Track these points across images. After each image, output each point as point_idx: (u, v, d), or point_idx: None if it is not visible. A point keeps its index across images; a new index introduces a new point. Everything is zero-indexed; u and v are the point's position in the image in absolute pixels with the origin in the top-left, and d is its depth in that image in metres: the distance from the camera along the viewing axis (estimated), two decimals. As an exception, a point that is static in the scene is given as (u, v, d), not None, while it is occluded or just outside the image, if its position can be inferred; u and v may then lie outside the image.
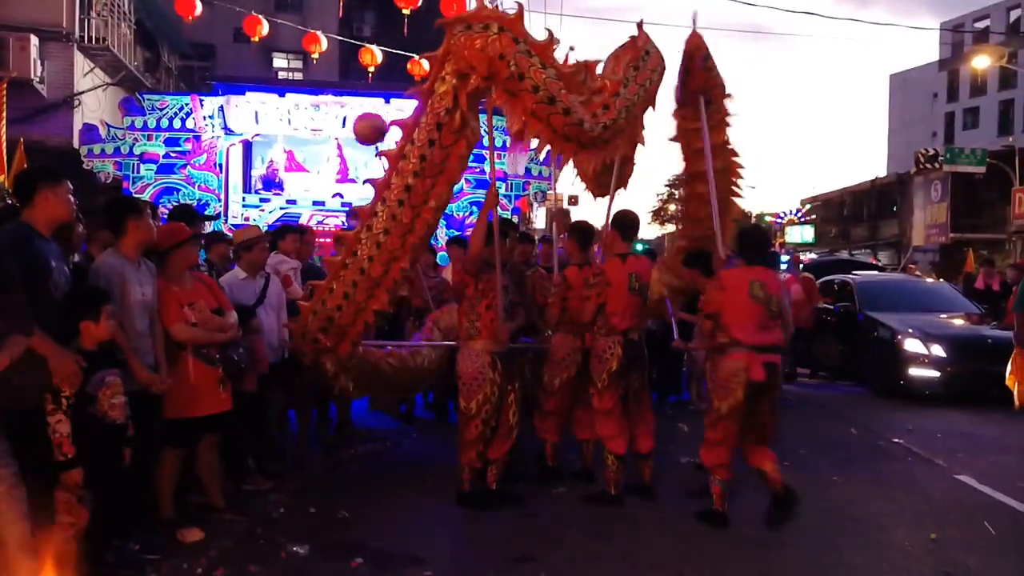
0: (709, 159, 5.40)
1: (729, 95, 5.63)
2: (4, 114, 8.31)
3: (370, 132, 5.29)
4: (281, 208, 11.09)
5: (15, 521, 3.04)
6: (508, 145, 11.46)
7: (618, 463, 5.12)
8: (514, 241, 5.58)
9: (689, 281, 5.64)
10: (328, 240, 9.69)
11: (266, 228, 7.64)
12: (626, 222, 5.37)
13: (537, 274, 6.01)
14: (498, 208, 4.97)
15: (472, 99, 4.47)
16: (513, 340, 5.21)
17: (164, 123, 10.83)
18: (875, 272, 14.99)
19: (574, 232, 5.66)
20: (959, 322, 10.05)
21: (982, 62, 25.10)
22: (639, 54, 4.79)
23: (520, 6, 4.33)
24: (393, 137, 4.94)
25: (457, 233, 9.82)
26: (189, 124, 10.82)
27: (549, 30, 4.60)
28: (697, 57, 5.26)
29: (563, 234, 6.35)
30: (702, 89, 5.36)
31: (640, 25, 5.02)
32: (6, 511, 3.01)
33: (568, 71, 4.38)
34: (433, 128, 4.48)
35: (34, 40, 13.11)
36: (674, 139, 5.80)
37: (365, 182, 4.84)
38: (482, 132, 4.75)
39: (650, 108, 4.96)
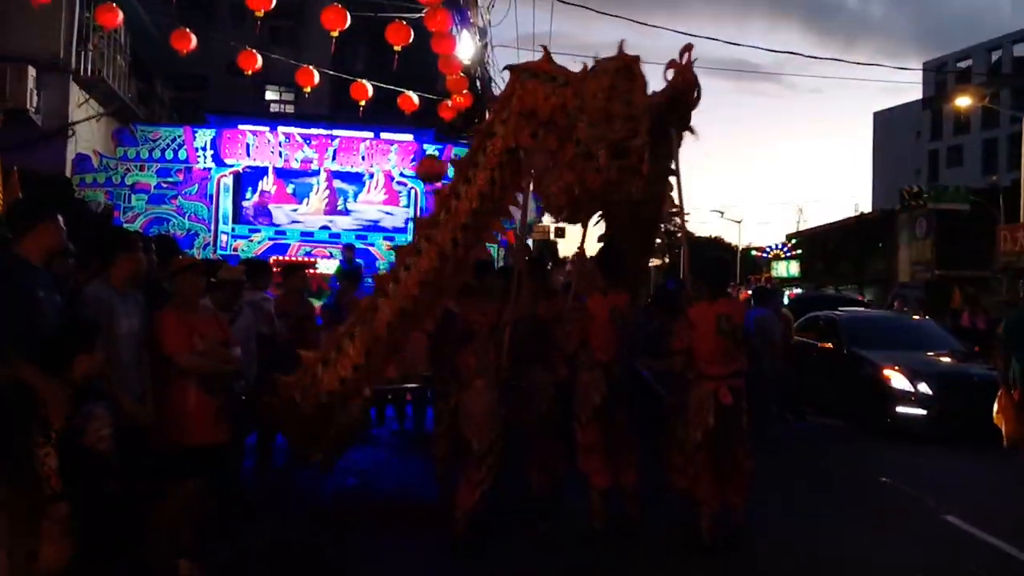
0: (680, 188, 5.33)
1: (691, 129, 5.37)
2: (-4, 144, 8.31)
3: (431, 172, 5.40)
4: (270, 239, 11.12)
5: None
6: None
7: (602, 498, 5.10)
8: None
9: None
10: (312, 271, 9.76)
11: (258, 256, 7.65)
12: (608, 257, 5.41)
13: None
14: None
15: (529, 139, 4.57)
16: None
17: (156, 154, 10.90)
18: (861, 308, 15.08)
19: (528, 264, 5.73)
20: (946, 360, 10.09)
21: (964, 102, 25.61)
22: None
23: (585, 66, 4.36)
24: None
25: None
26: (181, 155, 10.90)
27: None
28: (690, 93, 5.12)
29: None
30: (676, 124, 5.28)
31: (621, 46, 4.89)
32: None
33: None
34: (496, 167, 4.58)
35: (31, 71, 13.16)
36: None
37: (407, 221, 4.82)
38: None
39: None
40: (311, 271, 9.07)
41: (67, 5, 13.79)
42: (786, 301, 12.82)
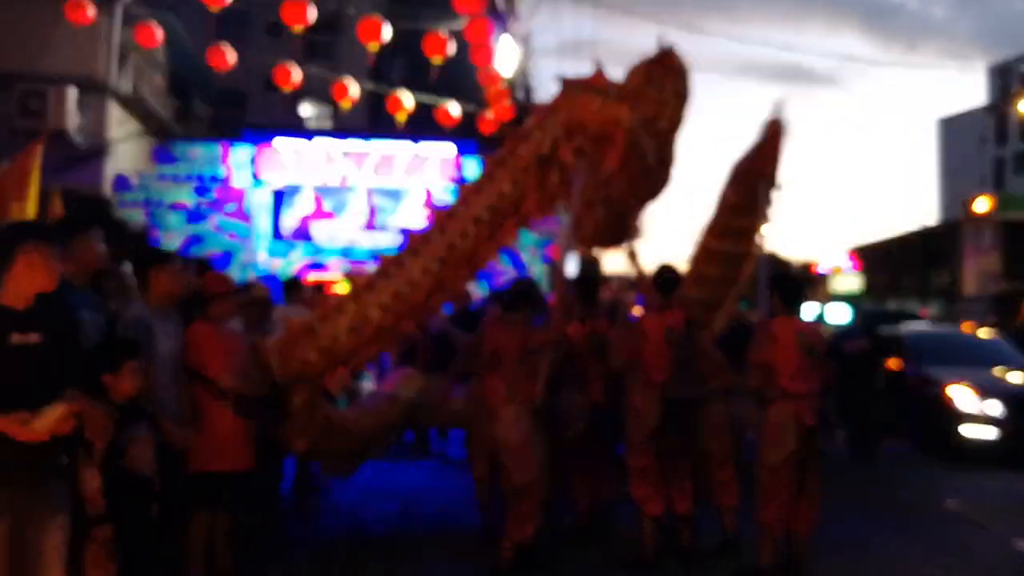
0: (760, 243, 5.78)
1: (779, 187, 5.76)
2: (38, 165, 8.63)
3: None
4: (308, 256, 11.32)
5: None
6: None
7: (654, 525, 5.04)
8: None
9: None
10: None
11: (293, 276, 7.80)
12: (665, 276, 5.37)
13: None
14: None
15: (568, 155, 4.52)
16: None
17: (194, 172, 11.19)
18: (925, 324, 14.75)
19: (576, 284, 5.81)
20: (1017, 377, 9.80)
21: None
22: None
23: (640, 80, 4.45)
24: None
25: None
26: (219, 173, 11.17)
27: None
28: (778, 143, 5.54)
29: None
30: (765, 175, 5.61)
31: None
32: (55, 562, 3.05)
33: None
34: (521, 169, 4.53)
35: (72, 91, 13.66)
36: (717, 207, 6.02)
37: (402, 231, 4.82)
38: None
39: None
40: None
41: (106, 25, 14.31)
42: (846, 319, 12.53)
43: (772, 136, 5.59)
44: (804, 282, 5.57)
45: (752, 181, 5.69)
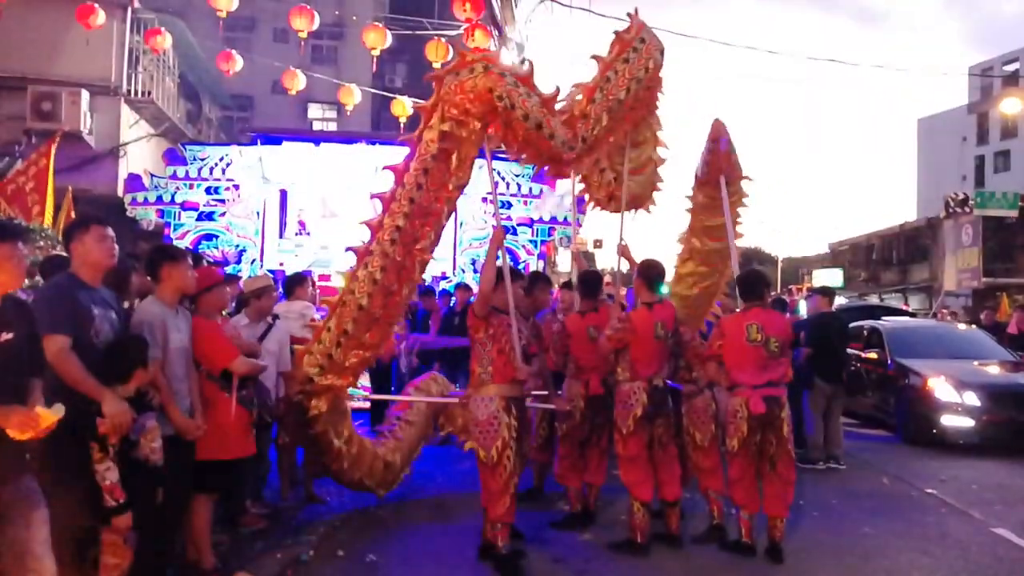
0: (732, 234, 6.07)
1: (747, 177, 6.22)
2: (52, 166, 8.65)
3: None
4: (315, 254, 11.33)
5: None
6: (543, 192, 11.69)
7: (644, 510, 5.07)
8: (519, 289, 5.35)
9: None
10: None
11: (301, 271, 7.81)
12: (651, 271, 5.41)
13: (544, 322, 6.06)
14: (504, 251, 4.96)
15: (466, 143, 4.72)
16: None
17: (205, 172, 11.19)
18: (906, 318, 14.78)
19: (580, 281, 5.89)
20: (994, 369, 9.85)
21: (1012, 106, 24.92)
22: (628, 45, 4.96)
23: (498, 51, 4.62)
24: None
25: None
26: (229, 173, 11.16)
27: (530, 61, 4.91)
28: (721, 141, 5.90)
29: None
30: (723, 172, 5.97)
31: (632, 15, 5.16)
32: (45, 553, 3.05)
33: (548, 96, 4.69)
34: (421, 173, 4.71)
35: (84, 94, 13.65)
36: (689, 210, 6.47)
37: (361, 223, 4.96)
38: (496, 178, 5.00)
39: (658, 92, 5.28)
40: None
41: (118, 30, 14.29)
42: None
43: (714, 137, 5.94)
44: (762, 274, 5.69)
45: (714, 180, 6.03)
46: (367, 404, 10.34)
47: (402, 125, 14.36)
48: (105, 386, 3.44)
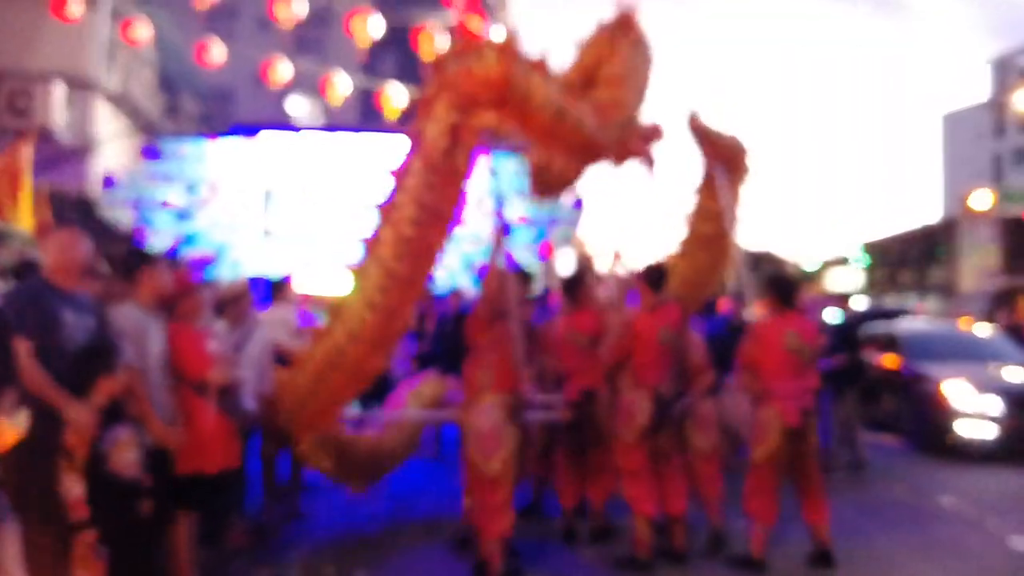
0: (732, 223, 5.99)
1: (744, 151, 6.09)
2: (25, 163, 8.64)
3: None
4: (298, 253, 11.34)
5: None
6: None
7: (647, 525, 5.08)
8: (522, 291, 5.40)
9: None
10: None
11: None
12: (653, 273, 5.43)
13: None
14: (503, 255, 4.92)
15: (475, 135, 4.45)
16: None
17: (182, 169, 11.20)
18: (922, 321, 14.82)
19: (563, 283, 5.90)
20: (1013, 373, 9.87)
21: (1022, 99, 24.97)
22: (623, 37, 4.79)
23: (510, 31, 4.50)
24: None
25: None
26: (207, 169, 11.18)
27: (544, 51, 4.57)
28: (703, 135, 5.85)
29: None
30: (718, 158, 5.95)
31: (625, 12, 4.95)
32: (15, 569, 3.06)
33: (567, 79, 4.55)
34: (429, 172, 4.39)
35: (58, 89, 13.64)
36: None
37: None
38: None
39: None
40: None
41: (93, 21, 14.27)
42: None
43: (694, 125, 5.84)
44: (798, 281, 5.73)
45: (710, 166, 6.02)
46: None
47: (393, 118, 14.34)
48: (76, 395, 3.45)
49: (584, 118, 4.43)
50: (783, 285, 5.36)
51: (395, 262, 4.53)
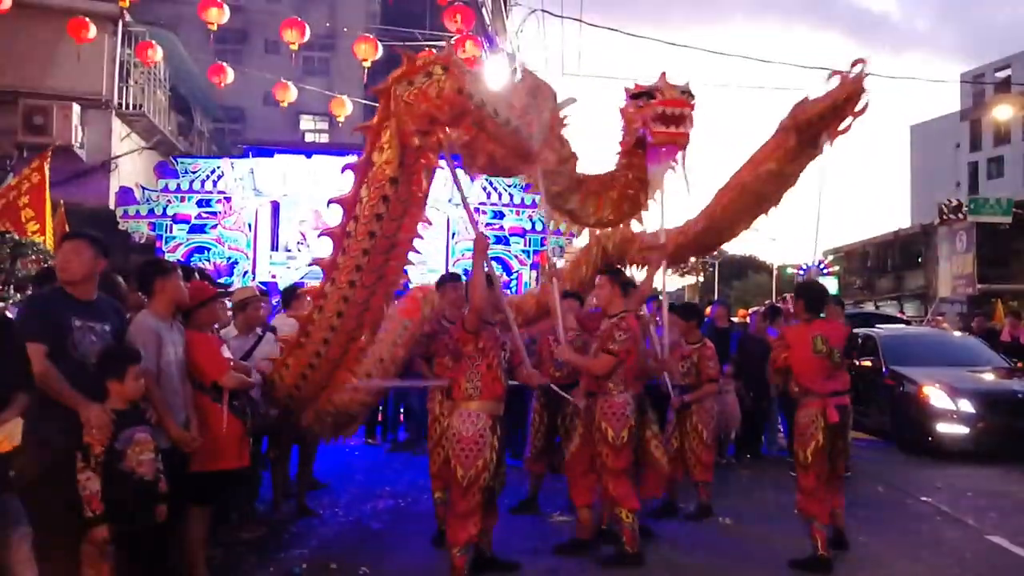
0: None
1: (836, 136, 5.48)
2: (48, 181, 8.69)
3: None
4: (308, 265, 11.33)
5: None
6: (536, 201, 11.72)
7: (634, 518, 5.02)
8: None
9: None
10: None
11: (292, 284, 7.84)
12: (813, 293, 5.52)
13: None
14: (489, 260, 4.72)
15: (433, 156, 4.44)
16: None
17: (197, 185, 11.21)
18: (900, 326, 14.85)
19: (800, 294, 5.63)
20: (988, 376, 9.90)
21: (1004, 112, 25.16)
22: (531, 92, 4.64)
23: (450, 44, 4.46)
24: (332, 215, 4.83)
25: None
26: (220, 186, 11.19)
27: (524, 69, 4.87)
28: (855, 101, 5.23)
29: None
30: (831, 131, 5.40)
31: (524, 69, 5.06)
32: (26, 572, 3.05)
33: (503, 89, 4.62)
34: (378, 202, 4.25)
35: (75, 108, 13.69)
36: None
37: (311, 263, 4.72)
38: (494, 186, 4.88)
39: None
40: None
41: (108, 43, 14.34)
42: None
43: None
44: (824, 288, 5.89)
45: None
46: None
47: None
48: (94, 391, 3.47)
49: (520, 125, 4.41)
50: (812, 293, 5.48)
51: (349, 290, 4.49)
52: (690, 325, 6.65)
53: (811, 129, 5.28)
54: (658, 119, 5.00)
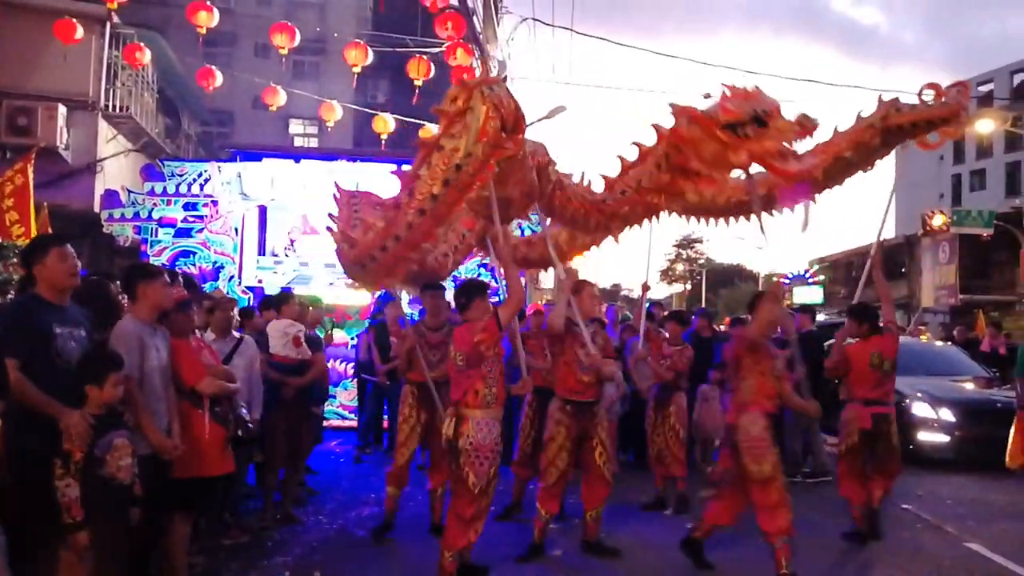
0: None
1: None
2: (31, 183, 8.62)
3: None
4: (294, 271, 11.30)
5: None
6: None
7: (548, 520, 5.42)
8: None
9: None
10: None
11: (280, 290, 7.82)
12: (861, 309, 6.30)
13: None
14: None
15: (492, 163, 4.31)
16: None
17: (183, 188, 11.15)
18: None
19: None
20: (968, 386, 10.00)
21: (986, 126, 25.42)
22: (459, 113, 4.26)
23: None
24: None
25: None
26: (207, 189, 11.13)
27: (504, 75, 4.69)
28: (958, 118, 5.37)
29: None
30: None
31: (461, 80, 4.78)
32: None
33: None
34: (439, 182, 4.20)
35: (61, 109, 13.59)
36: None
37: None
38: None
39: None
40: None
41: (96, 44, 14.26)
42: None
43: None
44: (875, 309, 6.38)
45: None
46: (353, 423, 10.34)
47: (383, 142, 14.40)
48: (71, 404, 3.45)
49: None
50: (867, 314, 6.18)
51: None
52: (677, 330, 7.29)
53: (899, 134, 5.34)
54: (783, 156, 4.70)
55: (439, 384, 5.31)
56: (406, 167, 4.67)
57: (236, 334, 5.65)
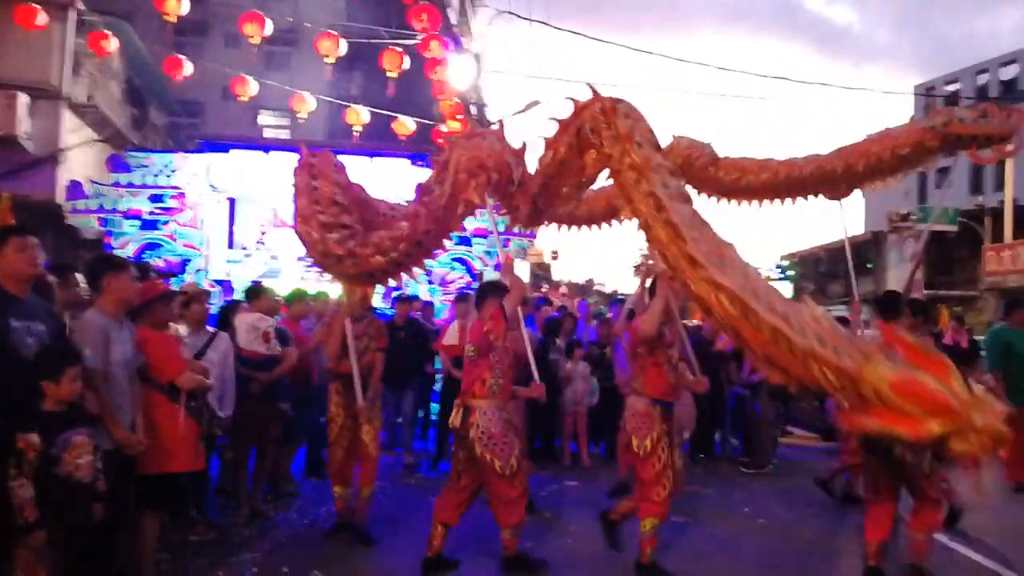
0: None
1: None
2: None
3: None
4: (264, 264, 11.15)
5: None
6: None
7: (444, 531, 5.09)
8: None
9: None
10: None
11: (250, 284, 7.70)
12: (890, 301, 5.72)
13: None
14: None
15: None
16: None
17: (149, 180, 10.94)
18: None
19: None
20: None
21: (950, 125, 25.87)
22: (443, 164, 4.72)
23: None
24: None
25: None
26: (174, 181, 10.94)
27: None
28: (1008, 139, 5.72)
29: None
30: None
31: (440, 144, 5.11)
32: None
33: None
34: (552, 163, 4.51)
35: (22, 98, 13.24)
36: None
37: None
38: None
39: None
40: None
41: (60, 31, 13.91)
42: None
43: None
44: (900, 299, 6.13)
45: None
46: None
47: (356, 134, 14.24)
48: (28, 399, 3.36)
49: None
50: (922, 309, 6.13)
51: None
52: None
53: (956, 142, 5.74)
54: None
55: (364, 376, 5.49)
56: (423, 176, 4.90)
57: (210, 328, 5.55)
